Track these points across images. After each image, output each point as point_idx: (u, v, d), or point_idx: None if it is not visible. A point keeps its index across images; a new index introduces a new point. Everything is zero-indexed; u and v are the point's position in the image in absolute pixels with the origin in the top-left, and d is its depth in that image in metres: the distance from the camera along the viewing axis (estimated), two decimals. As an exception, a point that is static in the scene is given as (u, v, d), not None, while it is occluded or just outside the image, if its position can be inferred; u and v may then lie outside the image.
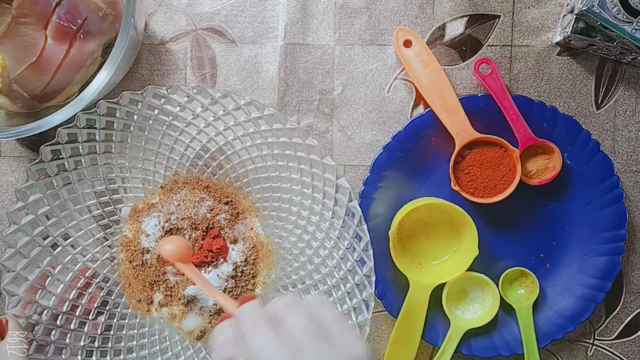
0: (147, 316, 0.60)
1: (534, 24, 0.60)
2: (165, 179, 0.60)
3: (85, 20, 0.53)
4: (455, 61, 0.60)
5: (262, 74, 0.60)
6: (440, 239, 0.60)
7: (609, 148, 0.60)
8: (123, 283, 0.60)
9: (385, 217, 0.59)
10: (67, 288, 0.57)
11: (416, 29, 0.60)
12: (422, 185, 0.60)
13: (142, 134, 0.57)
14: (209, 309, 0.58)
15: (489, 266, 0.59)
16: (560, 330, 0.58)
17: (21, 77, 0.53)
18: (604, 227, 0.58)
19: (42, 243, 0.56)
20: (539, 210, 0.59)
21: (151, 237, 0.58)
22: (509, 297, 0.59)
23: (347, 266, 0.55)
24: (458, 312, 0.59)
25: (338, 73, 0.60)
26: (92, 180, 0.58)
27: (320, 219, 0.56)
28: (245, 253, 0.58)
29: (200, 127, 0.57)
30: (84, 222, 0.58)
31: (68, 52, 0.53)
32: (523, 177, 0.57)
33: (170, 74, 0.61)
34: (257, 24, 0.60)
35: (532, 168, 0.58)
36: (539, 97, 0.59)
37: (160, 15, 0.60)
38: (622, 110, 0.60)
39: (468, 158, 0.57)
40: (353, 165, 0.61)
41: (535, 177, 0.58)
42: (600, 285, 0.58)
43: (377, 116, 0.60)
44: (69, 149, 0.55)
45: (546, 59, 0.60)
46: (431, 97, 0.57)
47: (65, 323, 0.56)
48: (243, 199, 0.60)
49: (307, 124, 0.61)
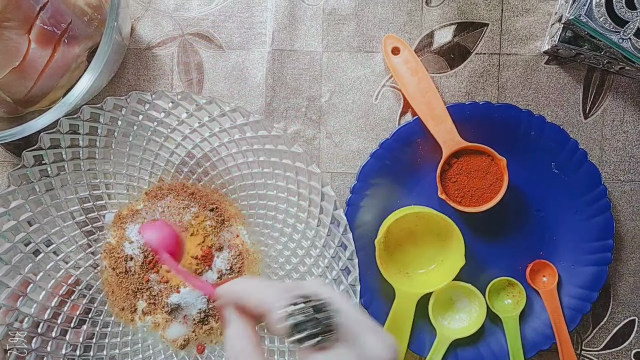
0: (131, 325, 0.59)
1: (522, 32, 0.59)
2: (150, 185, 0.59)
3: (69, 24, 0.53)
4: (443, 69, 0.60)
5: (250, 80, 0.60)
6: (427, 248, 0.59)
7: (596, 157, 0.60)
8: (106, 290, 0.59)
9: (372, 225, 0.58)
10: (49, 295, 0.56)
11: (404, 36, 0.59)
12: (410, 193, 0.59)
13: (127, 140, 0.56)
14: (193, 317, 0.57)
15: (476, 276, 0.59)
16: (547, 340, 0.58)
17: (4, 82, 0.52)
18: (591, 237, 0.57)
19: (23, 249, 0.55)
20: (526, 220, 0.59)
21: (135, 244, 0.57)
22: (496, 307, 0.59)
23: (333, 275, 0.54)
24: (444, 322, 0.59)
25: (326, 80, 0.60)
26: (75, 186, 0.57)
27: (306, 226, 0.56)
28: (231, 261, 0.58)
29: (185, 134, 0.56)
30: (66, 229, 0.57)
31: (52, 57, 0.53)
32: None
33: (157, 80, 0.60)
34: (244, 29, 0.60)
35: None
36: (527, 106, 0.59)
37: (147, 20, 0.60)
38: (609, 120, 0.60)
39: (455, 166, 0.57)
40: (340, 173, 0.60)
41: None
42: (587, 296, 0.58)
43: (364, 123, 0.60)
44: (51, 155, 0.54)
45: (534, 67, 0.59)
46: (419, 104, 0.57)
47: (46, 331, 0.55)
48: (229, 205, 0.59)
49: (294, 130, 0.60)
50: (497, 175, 0.56)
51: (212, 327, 0.58)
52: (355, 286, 0.51)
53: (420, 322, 0.58)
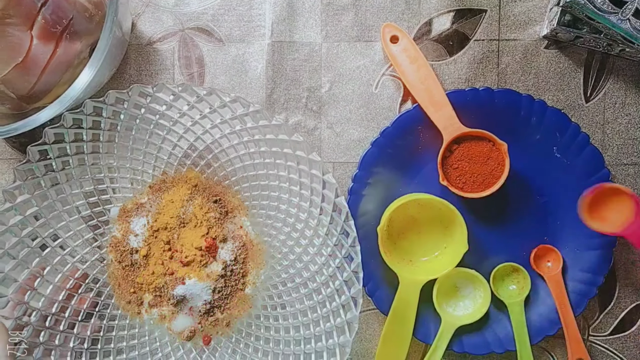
0: (138, 318, 0.59)
1: (520, 17, 0.59)
2: (154, 178, 0.60)
3: (71, 20, 0.53)
4: (442, 56, 0.60)
5: (250, 72, 0.60)
6: (430, 236, 0.59)
7: (598, 141, 0.59)
8: (112, 284, 0.60)
9: (375, 213, 0.58)
10: (57, 289, 0.57)
11: (403, 24, 0.60)
12: (411, 181, 0.59)
13: (130, 134, 0.57)
14: (199, 309, 0.58)
15: (480, 262, 0.59)
16: (553, 326, 0.58)
17: (7, 78, 0.53)
18: (595, 221, 0.57)
19: (30, 244, 0.56)
20: (529, 205, 0.59)
21: (140, 237, 0.58)
22: (501, 293, 0.59)
23: (336, 263, 0.54)
24: (449, 308, 0.59)
25: (325, 70, 0.60)
26: (80, 180, 0.58)
27: (309, 216, 0.56)
28: (235, 252, 0.58)
29: (187, 126, 0.57)
30: (72, 223, 0.58)
31: (54, 53, 0.54)
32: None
33: (159, 74, 0.61)
34: (244, 22, 0.60)
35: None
36: (527, 91, 0.59)
37: (148, 16, 0.61)
38: (611, 103, 0.59)
39: (456, 153, 0.57)
40: (342, 163, 0.61)
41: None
42: (593, 280, 0.57)
43: (365, 113, 0.60)
44: (56, 149, 0.55)
45: (534, 52, 0.59)
46: (418, 92, 0.57)
47: (54, 324, 0.56)
48: (232, 197, 0.60)
49: (295, 121, 0.61)
50: (499, 161, 0.56)
51: (218, 319, 0.58)
52: (358, 273, 0.51)
53: (425, 309, 0.58)
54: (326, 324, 0.54)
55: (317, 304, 0.55)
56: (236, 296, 0.59)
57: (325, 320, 0.54)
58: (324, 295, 0.55)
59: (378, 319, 0.61)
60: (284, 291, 0.58)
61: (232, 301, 0.59)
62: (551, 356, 0.61)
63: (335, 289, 0.54)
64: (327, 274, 0.55)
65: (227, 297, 0.58)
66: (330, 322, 0.54)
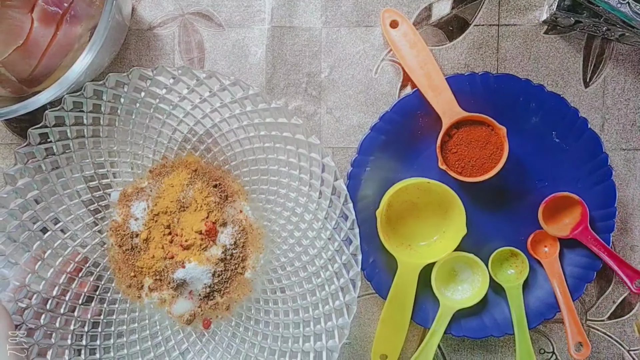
0: (138, 301, 0.60)
1: (520, 2, 0.59)
2: (154, 163, 0.60)
3: (71, 3, 0.54)
4: (442, 41, 0.60)
5: (250, 57, 0.61)
6: (429, 220, 0.59)
7: (598, 126, 0.60)
8: (113, 268, 0.60)
9: (374, 198, 0.59)
10: (57, 273, 0.57)
11: (403, 9, 0.60)
12: (411, 166, 0.59)
13: (130, 118, 0.57)
14: (199, 293, 0.58)
15: (479, 246, 0.59)
16: (551, 309, 0.58)
17: (8, 61, 0.53)
18: (593, 205, 0.57)
19: (31, 227, 0.56)
20: (528, 190, 0.59)
21: (140, 221, 0.58)
22: (499, 277, 0.59)
23: (335, 246, 0.54)
24: (447, 292, 0.59)
25: (325, 55, 0.60)
26: (80, 164, 0.58)
27: (308, 199, 0.56)
28: (235, 236, 0.58)
29: (186, 110, 0.57)
30: (73, 207, 0.58)
31: (55, 36, 0.54)
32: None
33: (159, 59, 0.61)
34: (244, 7, 0.61)
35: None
36: (527, 76, 0.59)
37: (148, 1, 0.61)
38: (611, 88, 0.59)
39: (455, 137, 0.57)
40: (342, 148, 0.61)
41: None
42: (591, 264, 0.58)
43: (364, 98, 0.60)
44: (56, 133, 0.55)
45: (533, 37, 0.59)
46: (418, 77, 0.57)
47: (55, 307, 0.56)
48: (232, 181, 0.60)
49: (295, 106, 0.61)
50: (498, 145, 0.56)
51: (218, 302, 0.59)
52: (356, 255, 0.52)
53: (424, 293, 0.59)
54: (325, 306, 0.54)
55: (316, 287, 0.56)
56: (236, 280, 0.59)
57: (324, 303, 0.55)
58: (323, 278, 0.55)
59: (377, 303, 0.61)
60: (283, 275, 0.58)
61: (231, 285, 0.59)
62: (549, 340, 0.61)
63: (334, 272, 0.54)
64: (326, 257, 0.55)
65: (227, 280, 0.59)
66: (329, 305, 0.54)
